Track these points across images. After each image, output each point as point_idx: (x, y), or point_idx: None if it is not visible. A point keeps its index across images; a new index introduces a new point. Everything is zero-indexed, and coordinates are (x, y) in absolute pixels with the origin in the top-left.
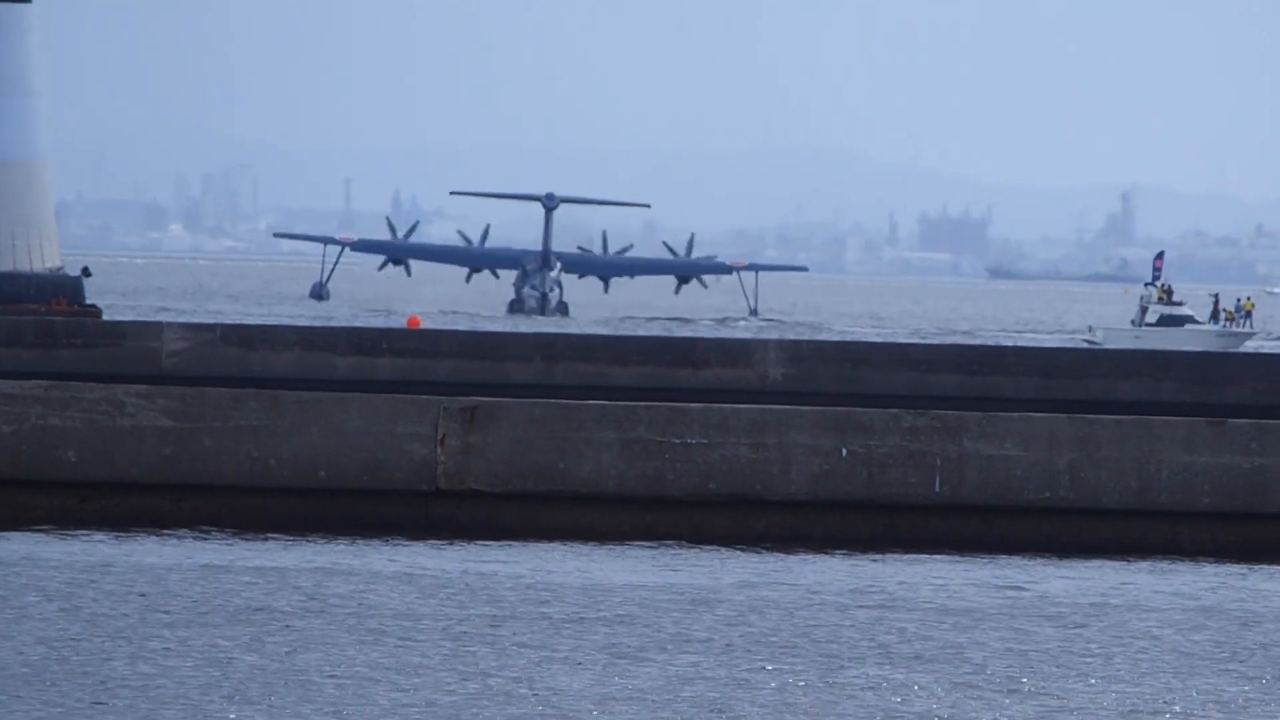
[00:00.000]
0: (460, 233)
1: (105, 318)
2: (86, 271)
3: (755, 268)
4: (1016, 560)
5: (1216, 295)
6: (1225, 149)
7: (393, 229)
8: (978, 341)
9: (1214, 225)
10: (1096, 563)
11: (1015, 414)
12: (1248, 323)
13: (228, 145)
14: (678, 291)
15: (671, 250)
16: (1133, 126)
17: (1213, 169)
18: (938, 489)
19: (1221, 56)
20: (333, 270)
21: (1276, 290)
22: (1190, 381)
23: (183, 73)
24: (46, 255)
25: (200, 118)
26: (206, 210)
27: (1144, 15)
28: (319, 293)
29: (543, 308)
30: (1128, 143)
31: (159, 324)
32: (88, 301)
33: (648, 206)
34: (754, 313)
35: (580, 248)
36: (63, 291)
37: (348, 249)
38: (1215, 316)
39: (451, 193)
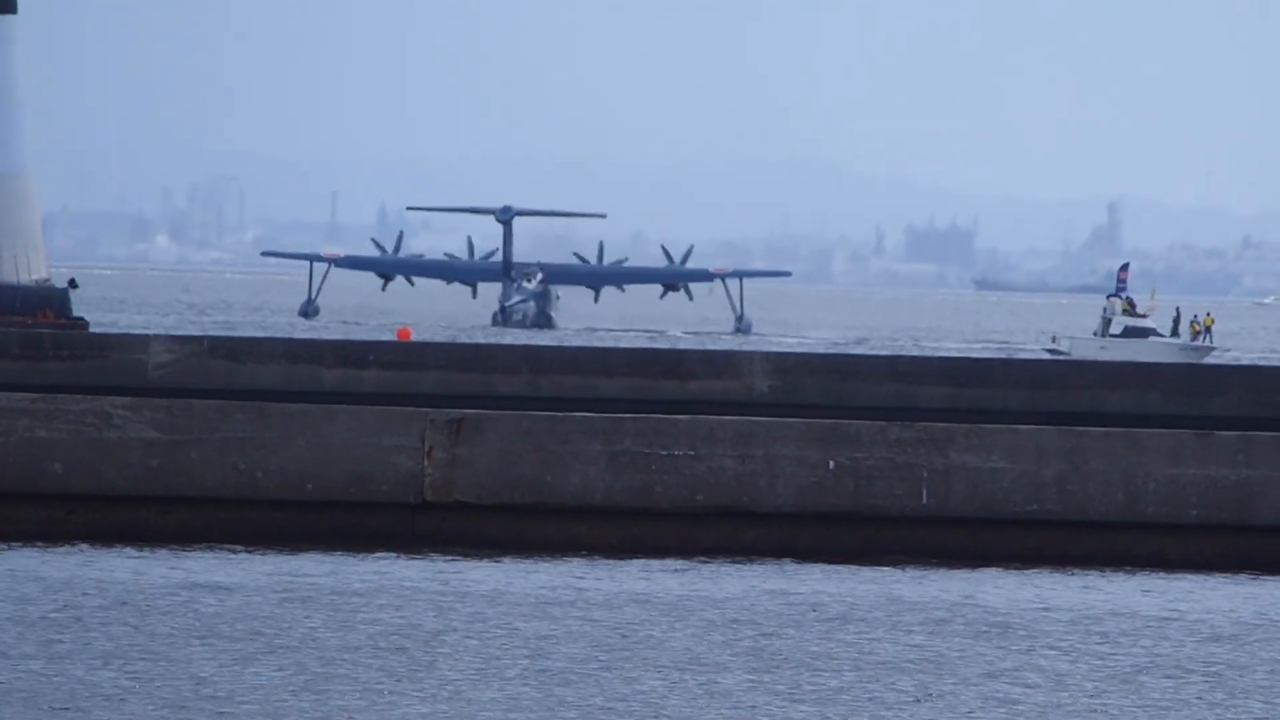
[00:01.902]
0: (468, 242)
1: (92, 330)
2: (73, 283)
3: (739, 274)
4: None
5: (1178, 309)
6: (1212, 161)
7: (380, 247)
8: (964, 354)
9: (1201, 237)
10: None
11: (1002, 426)
12: (1208, 337)
13: (213, 157)
14: (690, 298)
15: (670, 258)
16: (1119, 139)
17: (1199, 181)
18: (925, 501)
19: (1207, 69)
20: (320, 287)
21: (1266, 301)
22: (1177, 394)
23: (168, 85)
24: (33, 267)
25: (186, 130)
26: (192, 222)
27: (1130, 28)
28: (307, 310)
29: (505, 320)
30: (1114, 155)
31: (145, 336)
32: (74, 314)
33: (603, 217)
34: (740, 319)
35: (577, 255)
36: (49, 304)
37: (334, 266)
38: (1176, 330)
39: (408, 208)
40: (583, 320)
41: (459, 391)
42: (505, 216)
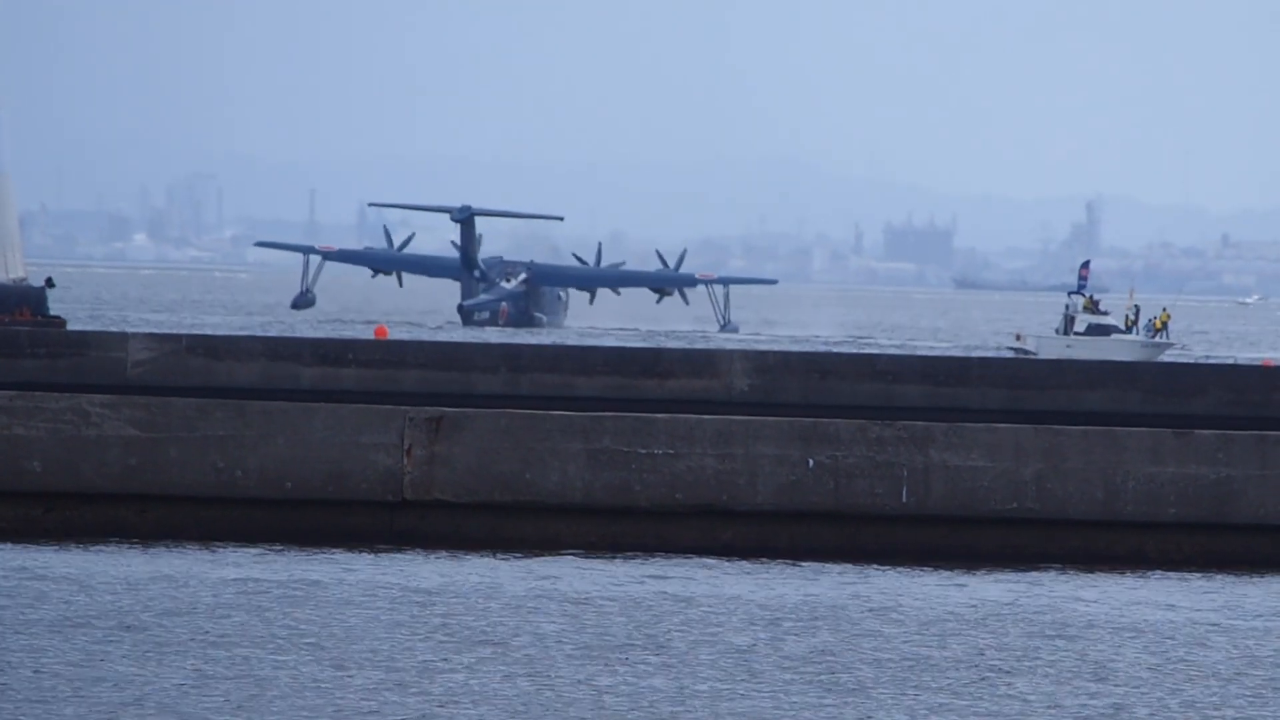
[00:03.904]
0: (453, 243)
1: (70, 328)
2: (50, 282)
3: (725, 280)
4: None
5: (1137, 307)
6: (1189, 160)
7: (389, 239)
8: (943, 353)
9: (1179, 236)
10: None
11: (981, 425)
12: (1165, 334)
13: (191, 155)
14: (687, 302)
15: (664, 263)
16: (1096, 138)
17: (1177, 180)
18: (904, 499)
19: (1183, 68)
20: (315, 279)
21: (1249, 300)
22: (1156, 393)
23: (146, 83)
24: (10, 266)
25: (164, 128)
26: (170, 220)
27: (1107, 27)
28: (302, 301)
29: (465, 319)
30: (1091, 154)
31: (124, 334)
32: (51, 313)
33: (561, 219)
34: (725, 325)
35: (576, 257)
36: (26, 302)
37: (326, 259)
38: (1131, 327)
39: (369, 204)
40: (574, 320)
41: (438, 390)
42: (461, 216)
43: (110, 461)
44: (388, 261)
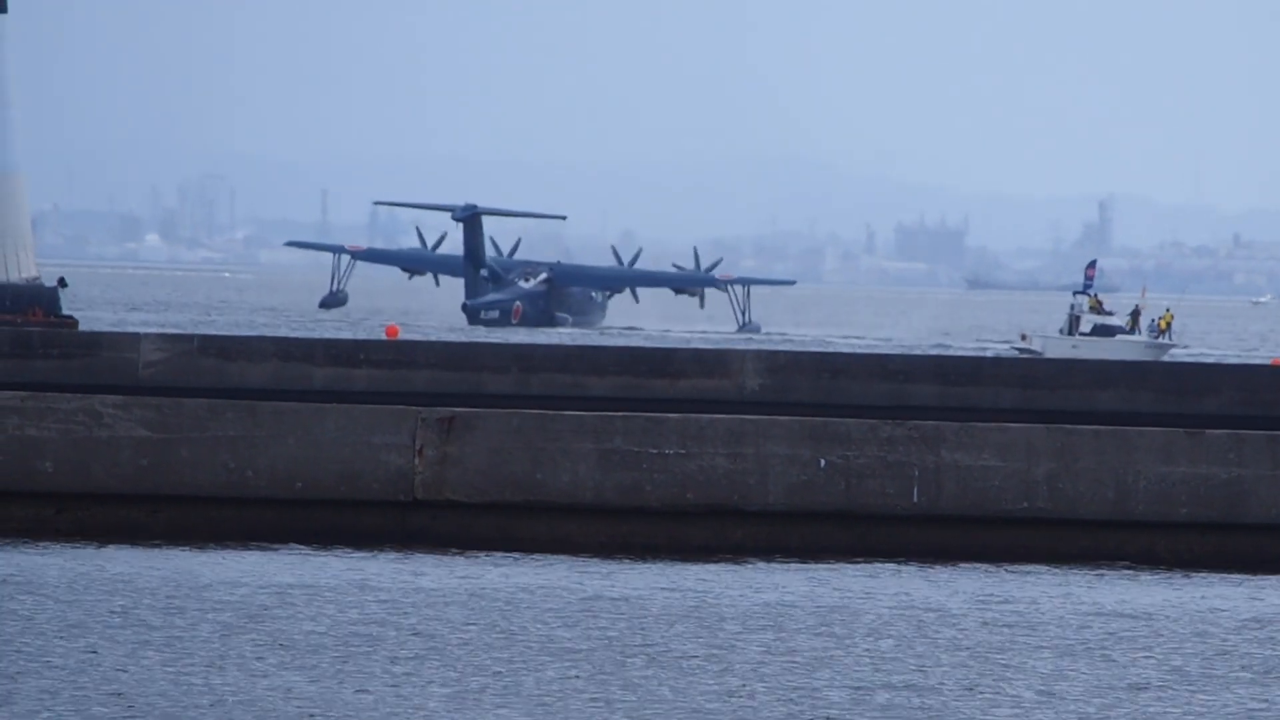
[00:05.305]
0: (492, 240)
1: (82, 328)
2: (63, 282)
3: (745, 281)
4: None
5: (1137, 307)
6: (1200, 160)
7: (422, 239)
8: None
9: (1190, 235)
10: None
11: (992, 424)
12: (1169, 334)
13: (202, 156)
14: (702, 305)
15: (679, 267)
16: (1108, 137)
17: (1188, 180)
18: (915, 499)
19: (1195, 67)
20: (345, 278)
21: (1262, 300)
22: (1168, 392)
23: (158, 83)
24: (22, 266)
25: (175, 128)
26: (182, 221)
27: (1118, 26)
28: (332, 301)
29: (471, 319)
30: (1102, 154)
31: (136, 334)
32: (63, 312)
33: (563, 219)
34: (745, 325)
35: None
36: (38, 302)
37: (355, 259)
38: (1134, 327)
39: (375, 203)
40: (615, 320)
41: (449, 390)
42: (462, 215)
43: (122, 462)
44: (419, 261)
